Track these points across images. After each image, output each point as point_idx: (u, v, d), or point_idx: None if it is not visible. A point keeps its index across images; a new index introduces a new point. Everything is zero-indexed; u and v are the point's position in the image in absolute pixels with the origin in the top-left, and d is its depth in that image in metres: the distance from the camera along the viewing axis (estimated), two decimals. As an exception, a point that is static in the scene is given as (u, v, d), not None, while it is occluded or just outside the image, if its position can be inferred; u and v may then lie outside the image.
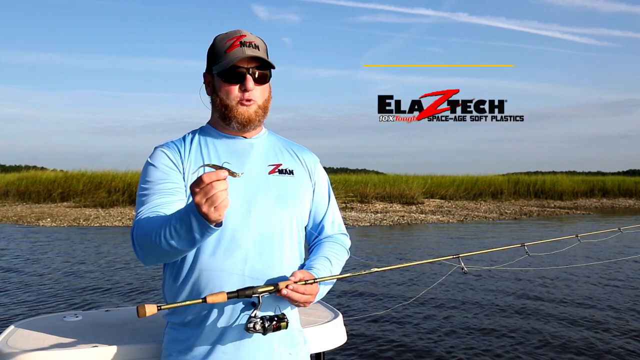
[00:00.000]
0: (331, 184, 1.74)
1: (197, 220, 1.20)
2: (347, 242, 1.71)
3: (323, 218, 1.66)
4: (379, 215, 19.19)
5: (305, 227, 1.65)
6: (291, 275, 1.41)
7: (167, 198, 1.43)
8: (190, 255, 1.45)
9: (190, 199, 1.23)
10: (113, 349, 1.61)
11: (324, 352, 1.91)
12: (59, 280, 7.83)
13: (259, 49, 1.51)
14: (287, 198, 1.54)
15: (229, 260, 1.43)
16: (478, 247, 11.76)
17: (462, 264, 1.87)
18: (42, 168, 28.94)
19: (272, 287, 1.37)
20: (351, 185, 24.52)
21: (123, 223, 15.97)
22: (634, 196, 31.87)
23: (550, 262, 8.84)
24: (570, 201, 29.00)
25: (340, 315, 2.03)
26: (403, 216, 18.89)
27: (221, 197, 1.15)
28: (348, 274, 1.61)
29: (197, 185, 1.15)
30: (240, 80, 1.49)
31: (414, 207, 22.28)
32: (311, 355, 1.70)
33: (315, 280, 1.44)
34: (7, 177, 25.51)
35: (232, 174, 1.18)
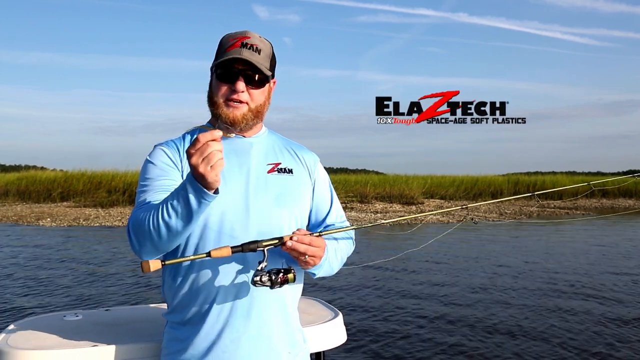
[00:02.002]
0: (332, 185, 1.74)
1: (193, 187, 1.21)
2: (352, 235, 1.71)
3: (327, 216, 1.66)
4: (378, 215, 19.19)
5: (308, 226, 1.65)
6: (295, 230, 1.42)
7: (165, 195, 1.42)
8: (189, 253, 1.45)
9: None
10: (113, 348, 1.61)
11: (323, 352, 1.92)
12: (58, 279, 7.83)
13: (259, 53, 1.49)
14: (286, 197, 1.54)
15: (228, 259, 1.43)
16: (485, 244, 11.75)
17: (471, 215, 1.89)
18: (42, 168, 28.96)
19: (277, 241, 1.37)
20: (351, 185, 24.51)
21: (123, 223, 15.95)
22: (633, 196, 31.86)
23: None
24: (570, 201, 28.98)
25: (340, 315, 2.03)
26: (403, 216, 18.86)
27: (217, 156, 1.17)
28: (355, 226, 1.61)
29: (193, 146, 1.17)
30: (232, 80, 1.49)
31: (413, 207, 22.27)
32: (311, 355, 1.70)
33: (321, 234, 1.45)
34: (7, 176, 25.49)
35: (226, 134, 1.20)
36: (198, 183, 1.20)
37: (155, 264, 1.25)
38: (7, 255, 10.14)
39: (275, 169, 1.57)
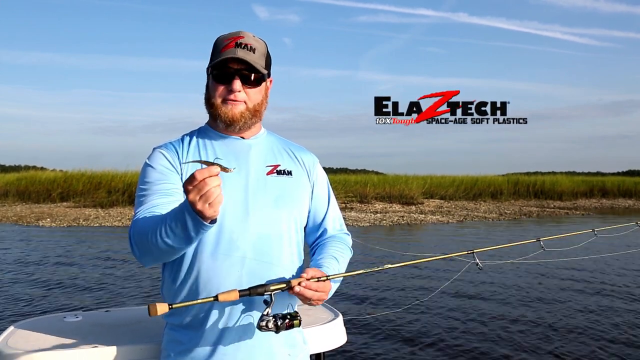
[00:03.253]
0: (331, 185, 1.74)
1: (191, 218, 1.20)
2: (350, 241, 1.71)
3: (324, 218, 1.66)
4: (378, 215, 19.18)
5: (305, 228, 1.65)
6: (302, 273, 1.41)
7: (165, 199, 1.43)
8: (189, 256, 1.46)
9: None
10: (113, 350, 1.61)
11: (323, 353, 1.92)
12: (59, 280, 7.83)
13: (254, 52, 1.50)
14: (285, 199, 1.54)
15: (227, 262, 1.44)
16: (486, 244, 11.72)
17: (477, 260, 1.86)
18: (42, 168, 28.95)
19: (284, 285, 1.36)
20: (351, 186, 24.51)
21: (122, 223, 15.96)
22: (633, 196, 31.88)
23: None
24: (569, 201, 28.99)
25: (340, 316, 2.03)
26: (403, 216, 18.88)
27: (215, 193, 1.15)
28: (361, 271, 1.60)
29: (190, 183, 1.15)
30: (228, 81, 1.49)
31: (413, 208, 22.28)
32: (311, 356, 1.70)
33: (328, 278, 1.43)
34: (7, 177, 25.48)
35: (224, 169, 1.18)
36: (196, 215, 1.19)
37: (162, 308, 1.22)
38: (7, 256, 10.13)
39: (274, 170, 1.57)
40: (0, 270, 8.59)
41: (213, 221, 1.22)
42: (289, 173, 1.59)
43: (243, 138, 1.58)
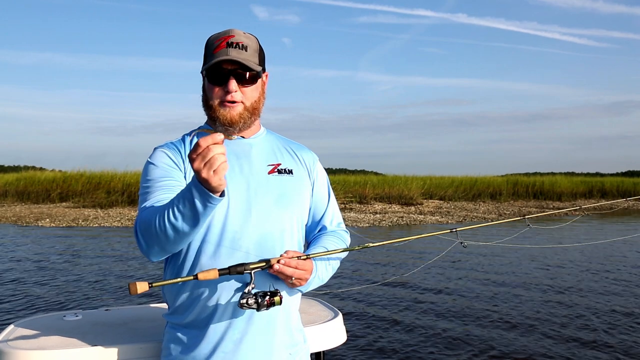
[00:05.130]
0: (330, 185, 1.74)
1: (198, 191, 1.19)
2: (347, 238, 1.71)
3: (323, 216, 1.67)
4: (377, 216, 19.18)
5: (305, 226, 1.65)
6: (283, 252, 1.42)
7: (169, 194, 1.42)
8: (191, 256, 1.45)
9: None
10: (113, 348, 1.61)
11: (323, 351, 1.92)
12: (58, 280, 7.82)
13: (246, 50, 1.49)
14: (286, 198, 1.55)
15: (230, 260, 1.43)
16: (480, 241, 11.76)
17: (460, 238, 1.87)
18: (41, 168, 28.92)
19: (264, 263, 1.37)
20: (350, 186, 24.51)
21: (122, 223, 15.94)
22: (632, 197, 31.91)
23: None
24: (568, 202, 28.99)
25: (340, 315, 2.03)
26: (402, 217, 18.88)
27: (219, 160, 1.15)
28: (342, 249, 1.60)
29: (194, 151, 1.15)
30: (223, 82, 1.48)
31: (412, 208, 22.27)
32: (311, 355, 1.71)
33: (309, 256, 1.45)
34: (6, 177, 25.42)
35: (227, 136, 1.18)
36: (202, 187, 1.19)
37: (142, 286, 1.23)
38: (7, 256, 10.12)
39: (276, 169, 1.57)
40: (0, 270, 8.58)
41: (222, 195, 1.22)
42: (290, 172, 1.59)
43: (243, 137, 1.58)
